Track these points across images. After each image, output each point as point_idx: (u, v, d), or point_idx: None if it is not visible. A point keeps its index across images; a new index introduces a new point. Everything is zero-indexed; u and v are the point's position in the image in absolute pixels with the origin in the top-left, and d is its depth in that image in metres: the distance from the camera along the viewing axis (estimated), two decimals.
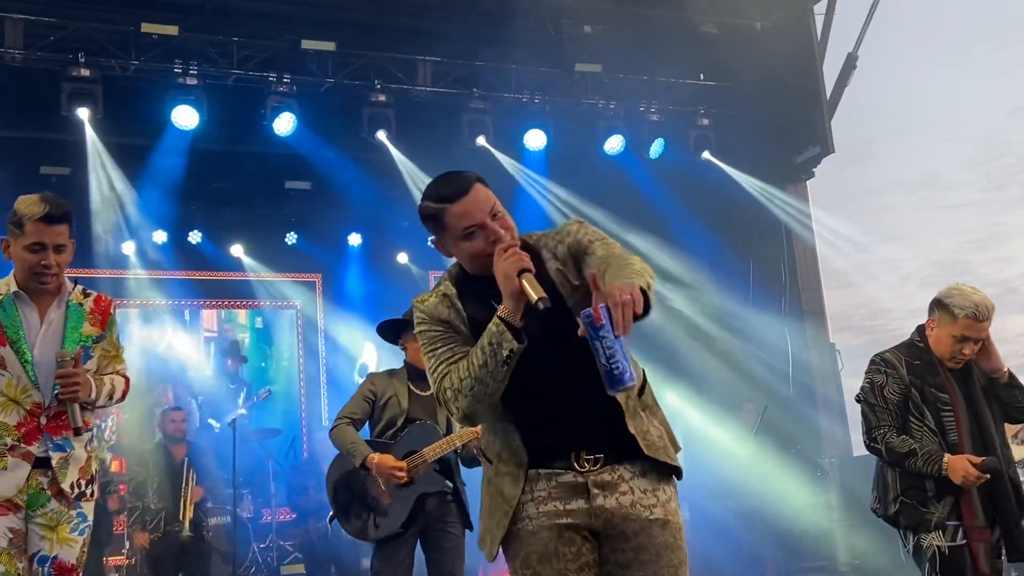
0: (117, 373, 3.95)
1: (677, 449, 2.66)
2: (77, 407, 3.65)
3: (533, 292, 2.40)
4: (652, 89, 10.31)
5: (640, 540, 2.51)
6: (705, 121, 10.28)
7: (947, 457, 3.67)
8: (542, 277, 2.51)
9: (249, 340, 12.01)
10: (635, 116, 10.15)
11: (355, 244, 11.95)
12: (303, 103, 9.10)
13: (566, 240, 2.68)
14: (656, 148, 10.19)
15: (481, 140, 9.69)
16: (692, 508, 8.75)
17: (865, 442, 3.94)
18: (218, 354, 11.81)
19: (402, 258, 12.16)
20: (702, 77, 10.65)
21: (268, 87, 8.96)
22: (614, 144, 10.05)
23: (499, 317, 2.45)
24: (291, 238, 11.73)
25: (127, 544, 7.77)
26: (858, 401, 4.00)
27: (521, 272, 2.42)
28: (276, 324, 12.12)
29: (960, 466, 3.63)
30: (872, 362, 3.97)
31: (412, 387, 5.08)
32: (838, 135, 10.14)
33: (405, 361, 5.20)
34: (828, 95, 10.11)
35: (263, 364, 12.00)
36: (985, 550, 3.65)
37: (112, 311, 3.99)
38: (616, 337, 2.24)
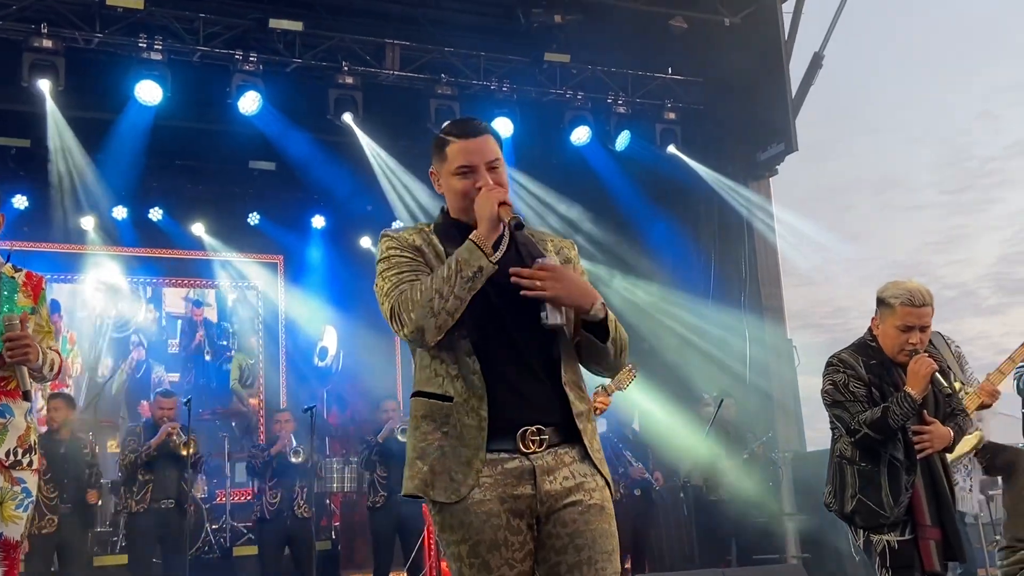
0: (51, 349, 3.92)
1: None
2: (25, 370, 3.63)
3: (507, 216, 2.52)
4: (620, 81, 10.34)
5: (577, 526, 2.52)
6: (672, 115, 10.32)
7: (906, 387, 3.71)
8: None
9: (209, 320, 11.92)
10: (602, 108, 10.18)
11: (318, 226, 11.90)
12: (269, 83, 9.02)
13: (565, 250, 2.80)
14: (622, 140, 10.23)
15: None
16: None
17: (850, 441, 3.87)
18: (177, 332, 11.73)
19: (365, 242, 12.13)
20: (670, 71, 10.69)
21: (234, 65, 8.87)
22: (581, 135, 10.08)
23: (471, 239, 2.52)
24: (254, 218, 11.66)
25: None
26: (827, 405, 3.98)
27: (501, 205, 2.54)
28: (236, 304, 12.03)
29: (916, 368, 3.70)
30: (830, 363, 4.00)
31: None
32: (802, 133, 10.22)
33: None
34: (794, 93, 10.18)
35: (223, 343, 11.92)
36: (935, 548, 3.70)
37: (43, 287, 3.97)
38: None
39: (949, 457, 4.23)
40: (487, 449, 2.50)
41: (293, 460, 7.90)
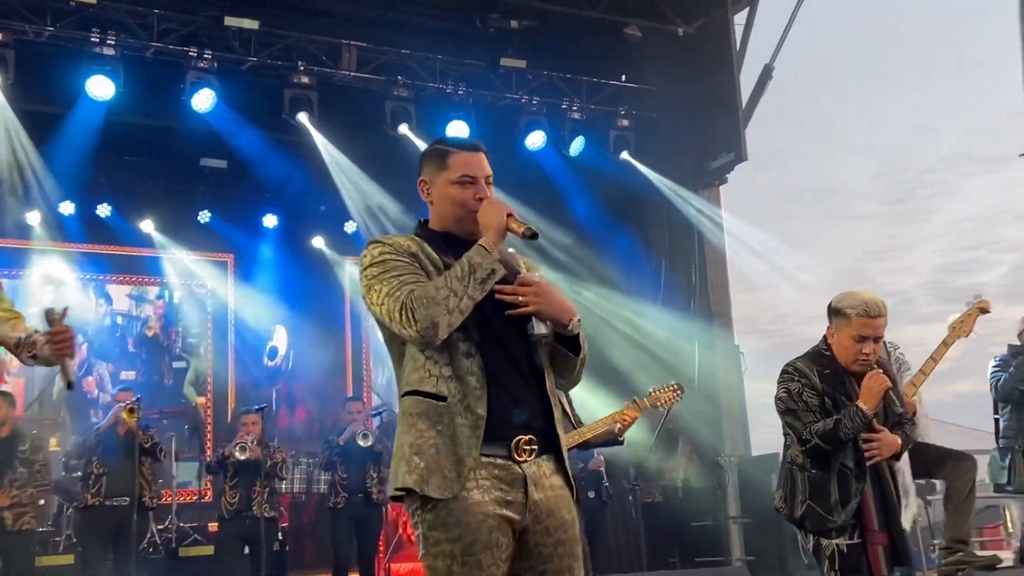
0: (35, 332, 3.86)
1: None
2: (68, 361, 3.57)
3: (520, 226, 2.62)
4: (574, 87, 10.44)
5: (558, 535, 2.65)
6: (625, 122, 10.45)
7: (858, 402, 3.81)
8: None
9: (157, 318, 11.78)
10: (557, 113, 10.27)
11: (270, 225, 11.82)
12: (223, 80, 8.96)
13: (532, 269, 2.86)
14: (576, 146, 10.33)
15: (403, 128, 9.68)
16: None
17: (801, 451, 3.94)
18: (124, 330, 11.58)
19: (317, 242, 12.09)
20: (623, 78, 10.82)
21: (188, 62, 8.80)
22: (535, 140, 10.16)
23: (482, 244, 2.60)
24: (204, 216, 11.54)
25: None
26: (780, 412, 4.04)
27: (509, 216, 2.63)
28: (185, 302, 11.91)
29: (870, 384, 3.79)
30: (784, 372, 4.05)
31: None
32: (751, 142, 10.43)
33: None
34: (744, 104, 10.36)
35: (172, 342, 11.79)
36: (883, 553, 3.79)
37: None
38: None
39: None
40: (481, 452, 2.56)
41: (239, 456, 7.78)
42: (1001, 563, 6.25)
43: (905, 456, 5.27)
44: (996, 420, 6.72)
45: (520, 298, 2.63)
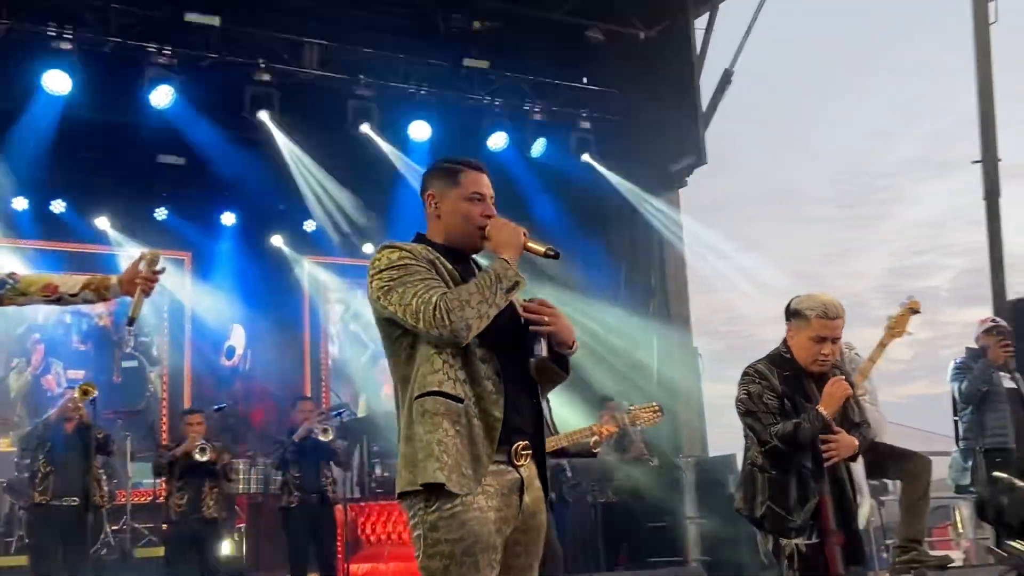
0: None
1: None
2: (144, 299, 3.64)
3: (540, 246, 2.84)
4: (537, 89, 10.48)
5: (532, 535, 2.81)
6: (587, 124, 10.51)
7: (819, 407, 3.87)
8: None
9: (109, 314, 11.63)
10: (519, 115, 10.30)
11: (228, 224, 11.71)
12: (183, 77, 8.88)
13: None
14: (538, 148, 10.37)
15: (365, 127, 9.65)
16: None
17: (760, 452, 4.00)
18: (79, 328, 11.42)
19: (276, 241, 12.00)
20: (585, 81, 10.87)
21: (147, 58, 8.71)
22: (498, 141, 10.18)
23: (506, 259, 2.76)
24: (161, 213, 11.41)
25: None
26: (740, 414, 4.09)
27: (524, 234, 2.82)
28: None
29: (832, 391, 3.87)
30: (745, 373, 4.10)
31: None
32: (711, 145, 10.54)
33: None
34: (704, 107, 10.47)
35: (121, 338, 11.63)
36: (840, 552, 3.85)
37: None
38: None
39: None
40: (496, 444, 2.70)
41: (199, 457, 7.73)
42: (952, 563, 6.39)
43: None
44: (956, 422, 6.81)
45: (545, 317, 2.80)
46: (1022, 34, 10.54)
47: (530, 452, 2.77)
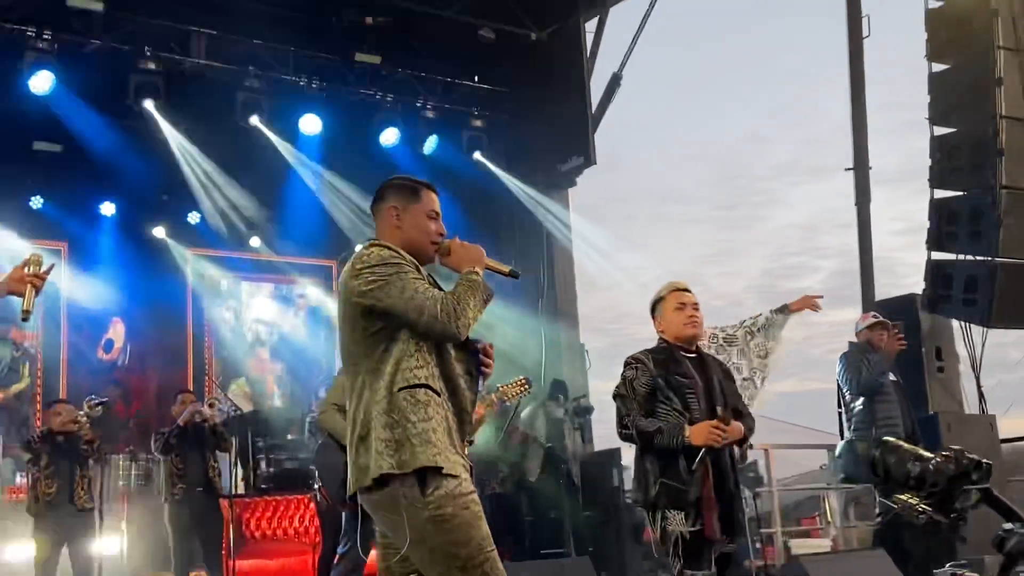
0: None
1: None
2: (35, 294, 3.75)
3: (502, 267, 3.26)
4: (429, 86, 10.53)
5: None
6: (478, 123, 10.62)
7: (688, 428, 4.12)
8: None
9: None
10: (411, 111, 10.33)
11: (108, 213, 11.37)
12: (64, 62, 8.63)
13: None
14: (430, 145, 10.42)
15: (255, 119, 9.54)
16: None
17: (618, 432, 4.32)
18: None
19: (159, 232, 11.70)
20: (477, 80, 10.97)
21: (26, 42, 8.42)
22: (389, 137, 10.19)
23: (479, 273, 3.10)
24: (36, 202, 10.99)
25: None
26: (613, 396, 4.37)
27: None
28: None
29: (701, 429, 4.11)
30: (625, 362, 4.39)
31: None
32: (599, 146, 10.76)
33: None
34: (593, 109, 10.68)
35: None
36: (716, 520, 4.09)
37: None
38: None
39: None
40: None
41: (82, 434, 7.40)
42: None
43: None
44: (840, 414, 6.96)
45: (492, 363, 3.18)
46: (892, 48, 11.09)
47: (470, 442, 3.08)
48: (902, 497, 3.41)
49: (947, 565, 6.14)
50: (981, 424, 8.14)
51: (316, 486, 5.76)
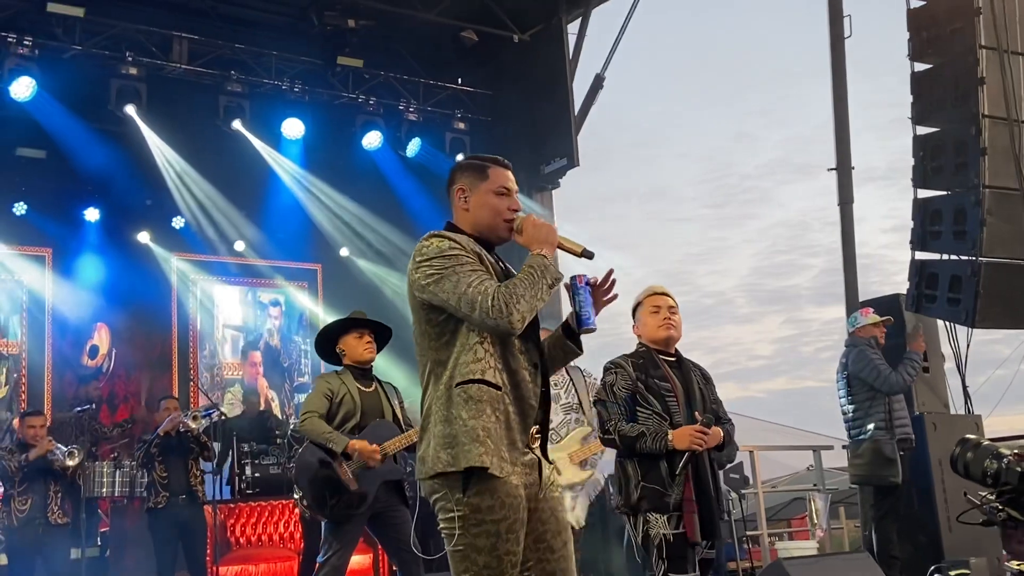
0: None
1: None
2: None
3: (575, 246, 3.04)
4: (411, 89, 10.51)
5: (555, 512, 2.99)
6: (461, 125, 10.60)
7: (671, 432, 4.15)
8: None
9: None
10: (394, 114, 10.32)
11: (92, 219, 11.32)
12: (45, 68, 8.61)
13: None
14: (413, 147, 10.40)
15: (237, 124, 9.51)
16: None
17: (600, 437, 4.36)
18: None
19: (143, 237, 11.65)
20: (460, 82, 10.96)
21: (7, 48, 8.39)
22: (372, 140, 10.17)
23: (546, 256, 2.93)
24: (20, 208, 10.94)
25: None
26: (593, 403, 4.49)
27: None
28: None
29: (683, 433, 4.14)
30: (605, 367, 4.43)
31: (359, 385, 5.56)
32: (582, 147, 10.75)
33: (345, 363, 5.62)
34: (576, 110, 10.68)
35: None
36: (696, 521, 4.12)
37: None
38: (588, 297, 3.07)
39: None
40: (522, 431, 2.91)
41: (69, 463, 7.44)
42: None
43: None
44: (848, 410, 6.88)
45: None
46: (874, 49, 11.10)
47: (540, 436, 2.97)
48: (983, 494, 3.44)
49: (931, 568, 6.15)
50: (967, 424, 8.14)
51: (297, 494, 5.71)
